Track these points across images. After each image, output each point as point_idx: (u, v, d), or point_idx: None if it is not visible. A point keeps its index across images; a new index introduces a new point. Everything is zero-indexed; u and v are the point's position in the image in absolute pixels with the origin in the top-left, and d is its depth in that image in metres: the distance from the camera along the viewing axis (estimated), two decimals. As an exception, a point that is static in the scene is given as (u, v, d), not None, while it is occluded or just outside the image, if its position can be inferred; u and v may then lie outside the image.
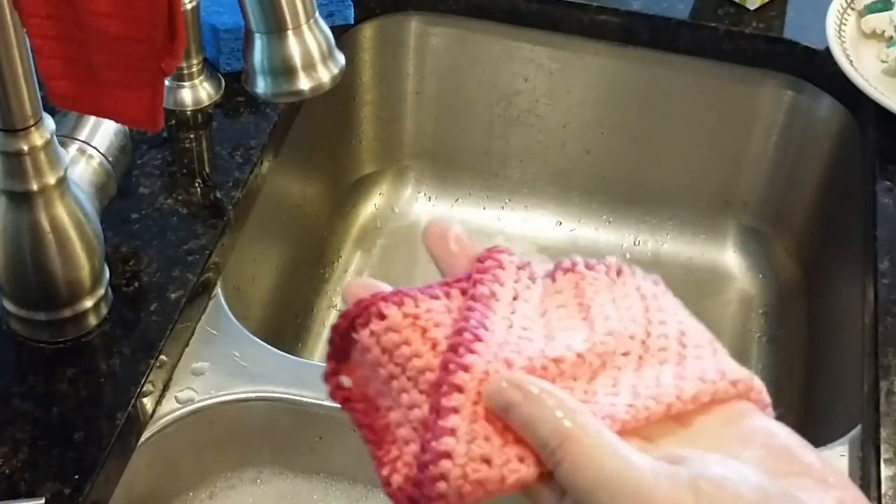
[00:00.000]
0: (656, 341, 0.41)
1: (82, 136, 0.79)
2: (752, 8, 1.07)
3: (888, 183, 0.92)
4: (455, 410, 0.38)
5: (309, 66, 0.60)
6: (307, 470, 0.83)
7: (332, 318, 1.11)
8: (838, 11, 1.02)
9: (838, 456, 0.75)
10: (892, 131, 0.96)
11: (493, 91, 1.16)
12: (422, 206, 1.21)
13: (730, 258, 1.19)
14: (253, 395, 0.78)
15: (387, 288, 0.43)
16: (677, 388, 0.39)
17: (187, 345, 0.80)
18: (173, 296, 0.79)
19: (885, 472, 0.72)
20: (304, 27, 0.60)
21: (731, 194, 1.17)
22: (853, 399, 0.80)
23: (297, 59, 0.60)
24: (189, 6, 0.89)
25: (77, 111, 0.76)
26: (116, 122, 0.77)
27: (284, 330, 1.04)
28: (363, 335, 0.42)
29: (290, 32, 0.59)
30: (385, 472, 0.42)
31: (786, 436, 0.39)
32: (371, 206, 1.21)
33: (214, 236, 0.84)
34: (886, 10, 1.02)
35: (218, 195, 0.87)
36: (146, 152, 0.90)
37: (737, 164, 1.15)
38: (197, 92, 0.95)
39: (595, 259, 0.45)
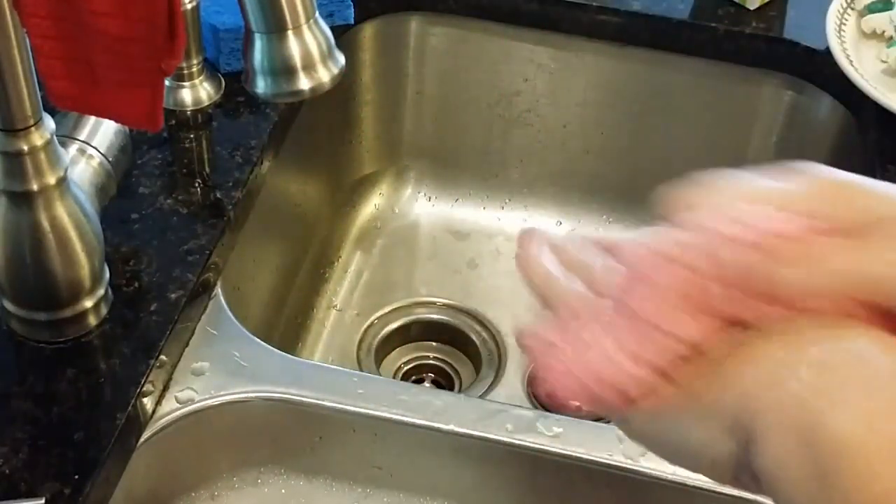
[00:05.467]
0: None
1: (82, 136, 0.79)
2: (752, 8, 1.07)
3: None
4: None
5: (309, 66, 0.60)
6: (308, 470, 0.83)
7: (332, 318, 1.11)
8: (838, 11, 1.02)
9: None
10: (892, 131, 0.96)
11: (493, 91, 1.16)
12: (422, 206, 1.21)
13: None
14: (253, 395, 0.78)
15: None
16: None
17: (187, 345, 0.80)
18: (173, 296, 0.79)
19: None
20: (304, 27, 0.60)
21: (731, 194, 1.17)
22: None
23: (297, 59, 0.60)
24: (189, 6, 0.89)
25: (77, 111, 0.76)
26: (116, 122, 0.77)
27: (285, 330, 1.04)
28: None
29: (290, 32, 0.59)
30: None
31: None
32: (371, 206, 1.21)
33: (214, 236, 0.84)
34: (886, 10, 1.02)
35: (218, 195, 0.87)
36: (146, 152, 0.90)
37: (737, 165, 1.15)
38: (197, 92, 0.95)
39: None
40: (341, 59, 0.62)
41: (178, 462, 0.79)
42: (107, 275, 0.77)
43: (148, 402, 0.75)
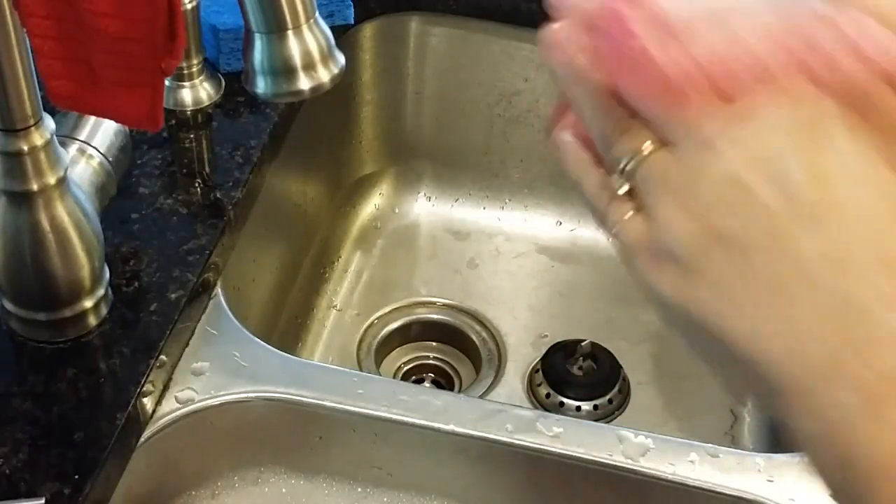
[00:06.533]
0: None
1: (82, 136, 0.79)
2: (752, 8, 1.06)
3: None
4: None
5: (309, 66, 0.60)
6: (308, 470, 0.83)
7: (332, 318, 1.11)
8: (838, 11, 1.02)
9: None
10: (892, 131, 0.96)
11: (493, 91, 1.16)
12: (422, 206, 1.21)
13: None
14: (253, 395, 0.78)
15: None
16: None
17: (187, 345, 0.80)
18: (173, 296, 0.79)
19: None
20: (304, 27, 0.60)
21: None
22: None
23: (297, 59, 0.60)
24: (189, 6, 0.89)
25: (77, 111, 0.76)
26: (116, 122, 0.77)
27: (284, 330, 1.04)
28: None
29: (290, 32, 0.59)
30: None
31: None
32: (371, 206, 1.21)
33: (214, 236, 0.84)
34: (886, 10, 1.02)
35: (218, 195, 0.87)
36: (146, 152, 0.90)
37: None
38: (197, 92, 0.95)
39: None
40: (341, 59, 0.62)
41: (178, 462, 0.79)
42: (107, 275, 0.77)
43: (148, 402, 0.75)
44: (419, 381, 1.08)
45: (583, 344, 1.04)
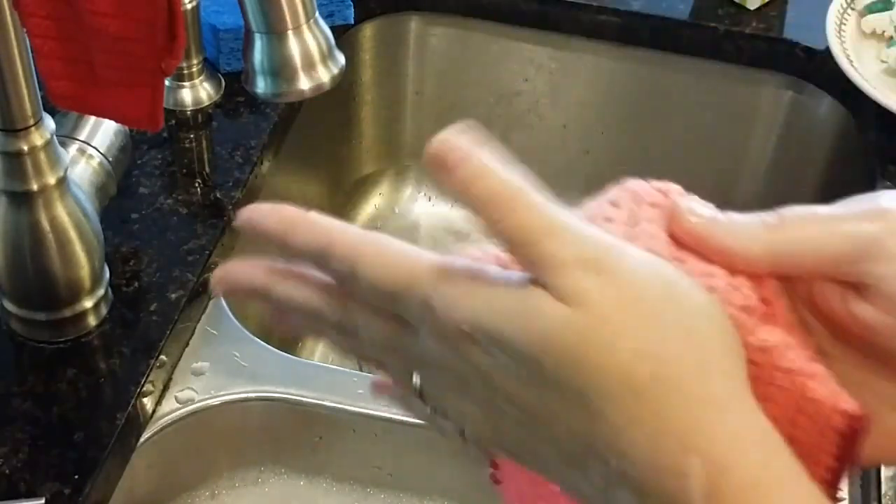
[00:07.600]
0: None
1: (82, 136, 0.79)
2: (752, 8, 1.07)
3: (889, 183, 0.92)
4: None
5: (309, 66, 0.60)
6: (308, 470, 0.83)
7: (332, 318, 1.11)
8: (838, 11, 1.02)
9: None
10: (892, 131, 0.96)
11: (493, 91, 1.16)
12: (422, 206, 1.21)
13: (730, 258, 1.19)
14: (253, 395, 0.78)
15: None
16: None
17: (187, 345, 0.80)
18: (173, 296, 0.79)
19: (884, 472, 0.72)
20: (304, 27, 0.60)
21: (731, 194, 1.17)
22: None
23: (297, 59, 0.60)
24: (189, 6, 0.89)
25: (77, 111, 0.76)
26: (116, 122, 0.77)
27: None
28: None
29: (290, 32, 0.59)
30: None
31: None
32: (371, 206, 1.21)
33: (214, 236, 0.84)
34: (886, 10, 1.02)
35: (218, 195, 0.87)
36: (146, 152, 0.90)
37: (737, 164, 1.15)
38: (197, 92, 0.95)
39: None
40: (341, 59, 0.62)
41: (178, 462, 0.79)
42: (107, 275, 0.77)
43: (148, 402, 0.75)
44: (419, 381, 1.08)
45: (583, 344, 1.03)
